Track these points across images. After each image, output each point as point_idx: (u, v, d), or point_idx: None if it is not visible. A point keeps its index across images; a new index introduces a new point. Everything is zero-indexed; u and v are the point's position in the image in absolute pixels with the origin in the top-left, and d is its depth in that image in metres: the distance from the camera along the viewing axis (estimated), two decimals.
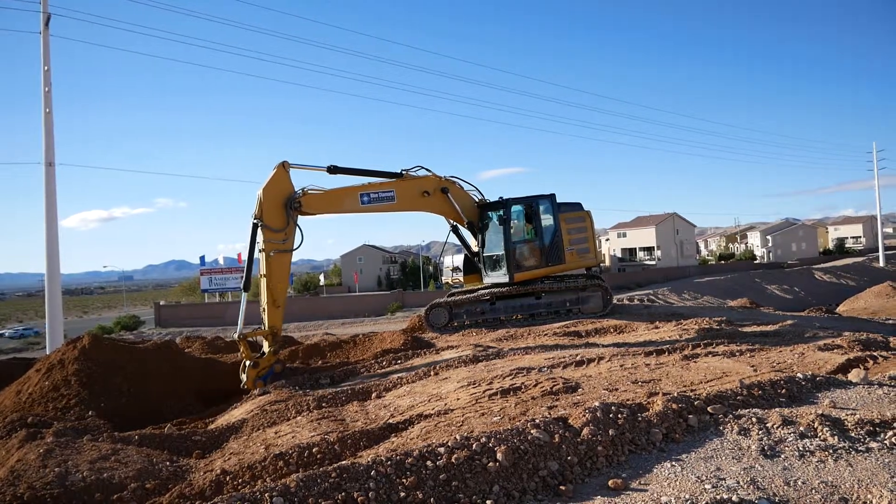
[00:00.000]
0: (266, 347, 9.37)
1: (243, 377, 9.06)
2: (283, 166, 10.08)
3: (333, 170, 10.86)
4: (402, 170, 12.06)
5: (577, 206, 14.21)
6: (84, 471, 4.60)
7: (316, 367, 10.25)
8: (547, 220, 13.63)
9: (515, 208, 13.43)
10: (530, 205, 13.59)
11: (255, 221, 9.56)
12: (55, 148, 19.05)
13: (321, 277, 71.73)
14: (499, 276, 13.39)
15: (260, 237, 9.57)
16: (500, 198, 13.50)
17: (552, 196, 13.71)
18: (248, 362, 9.07)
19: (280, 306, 9.63)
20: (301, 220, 10.16)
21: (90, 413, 7.73)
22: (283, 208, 9.84)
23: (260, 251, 9.56)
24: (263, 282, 9.54)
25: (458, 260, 14.66)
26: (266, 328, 9.44)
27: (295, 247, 9.90)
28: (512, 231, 13.16)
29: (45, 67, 18.70)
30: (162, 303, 51.13)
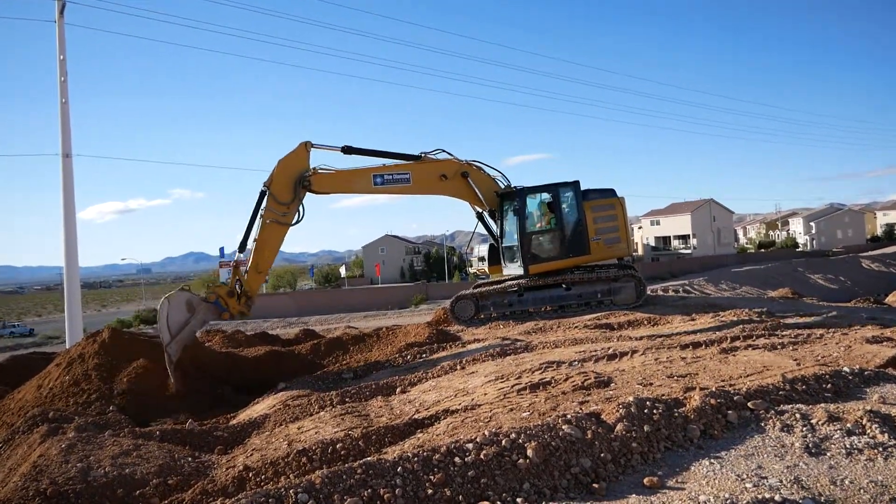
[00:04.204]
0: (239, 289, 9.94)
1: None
2: (305, 145, 10.57)
3: (348, 150, 11.08)
4: (422, 152, 11.99)
5: (609, 193, 13.65)
6: (106, 466, 4.65)
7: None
8: (568, 208, 13.29)
9: (530, 198, 13.15)
10: (549, 193, 13.29)
11: (264, 189, 10.11)
12: (71, 139, 19.00)
13: (342, 269, 71.91)
14: (514, 268, 13.22)
15: (264, 204, 10.15)
16: (514, 187, 13.19)
17: (576, 183, 13.29)
18: (224, 282, 9.88)
19: (262, 272, 10.17)
20: (316, 201, 10.83)
21: (111, 408, 7.80)
22: (292, 183, 10.31)
23: (259, 216, 10.09)
24: (254, 246, 10.05)
25: (483, 249, 14.53)
26: (242, 290, 9.96)
27: (293, 222, 10.38)
28: (527, 221, 12.92)
29: (61, 57, 18.69)
30: None
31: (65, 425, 6.13)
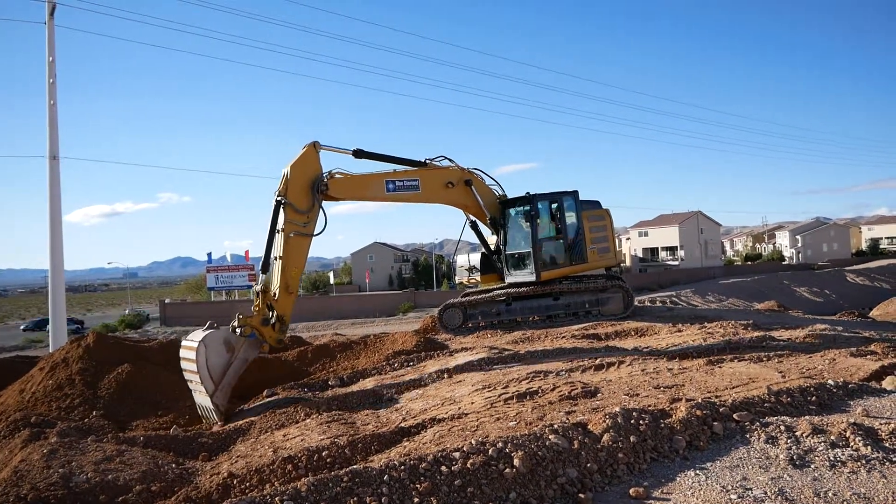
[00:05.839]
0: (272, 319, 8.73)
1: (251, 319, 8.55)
2: (314, 146, 9.72)
3: (359, 154, 10.64)
4: (426, 159, 11.93)
5: (596, 204, 14.08)
6: (88, 472, 4.58)
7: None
8: (570, 217, 13.48)
9: (541, 204, 13.27)
10: (554, 201, 13.44)
11: (279, 199, 9.11)
12: (59, 141, 18.77)
13: (331, 276, 71.35)
14: (524, 275, 13.18)
15: (281, 217, 9.11)
16: (527, 193, 13.34)
17: (575, 193, 13.57)
18: (256, 312, 8.60)
19: (293, 293, 9.17)
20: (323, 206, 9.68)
21: (94, 413, 7.65)
22: (309, 189, 9.45)
23: (278, 231, 9.09)
24: (278, 264, 9.02)
25: (474, 259, 14.49)
26: (275, 315, 8.79)
27: (316, 232, 9.47)
28: (539, 228, 13.01)
29: (50, 58, 18.49)
30: (167, 301, 50.47)
31: (47, 430, 6.03)
